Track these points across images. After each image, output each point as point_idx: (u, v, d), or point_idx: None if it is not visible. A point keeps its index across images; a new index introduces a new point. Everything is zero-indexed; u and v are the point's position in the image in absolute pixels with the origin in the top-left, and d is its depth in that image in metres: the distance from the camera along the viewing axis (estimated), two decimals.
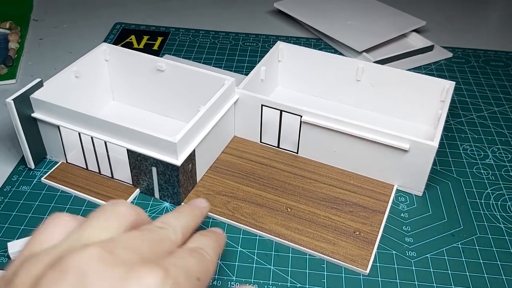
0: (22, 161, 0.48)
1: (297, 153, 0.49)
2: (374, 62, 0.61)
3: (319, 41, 0.70)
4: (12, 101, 0.42)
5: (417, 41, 0.68)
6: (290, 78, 0.57)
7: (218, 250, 0.33)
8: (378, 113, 0.54)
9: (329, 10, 0.73)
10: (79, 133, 0.43)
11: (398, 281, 0.38)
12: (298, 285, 0.37)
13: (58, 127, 0.44)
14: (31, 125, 0.45)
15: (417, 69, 0.64)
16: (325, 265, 0.39)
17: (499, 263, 0.40)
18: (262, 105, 0.47)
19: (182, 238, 0.32)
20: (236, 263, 0.39)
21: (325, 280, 0.38)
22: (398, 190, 0.46)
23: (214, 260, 0.31)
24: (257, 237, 0.41)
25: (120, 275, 0.25)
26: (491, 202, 0.45)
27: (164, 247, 0.29)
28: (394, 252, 0.40)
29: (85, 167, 0.46)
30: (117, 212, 0.29)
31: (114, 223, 0.29)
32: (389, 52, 0.65)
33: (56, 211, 0.42)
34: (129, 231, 0.29)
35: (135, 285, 0.25)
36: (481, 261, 0.40)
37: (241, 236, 0.41)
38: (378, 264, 0.39)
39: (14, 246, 0.39)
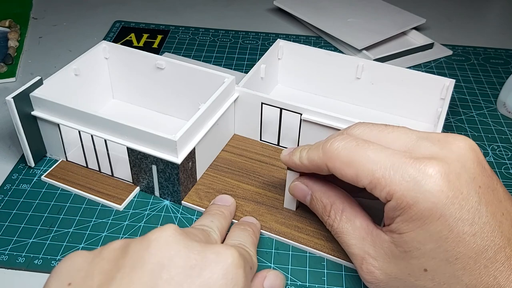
0: (22, 159, 0.48)
1: None
2: (374, 60, 0.61)
3: (319, 39, 0.70)
4: (12, 99, 0.42)
5: (417, 39, 0.68)
6: (290, 76, 0.57)
7: (256, 242, 0.37)
8: (378, 111, 0.54)
9: (329, 8, 0.73)
10: (79, 131, 0.43)
11: None
12: (298, 283, 0.37)
13: (58, 125, 0.44)
14: (31, 123, 0.45)
15: (417, 67, 0.64)
16: (325, 263, 0.39)
17: None
18: (262, 103, 0.47)
19: (220, 238, 0.35)
20: None
21: (325, 278, 0.38)
22: None
23: (255, 255, 0.34)
24: None
25: (198, 248, 0.28)
26: None
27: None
28: None
29: (85, 165, 0.46)
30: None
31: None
32: (389, 50, 0.65)
33: (56, 209, 0.43)
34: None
35: (214, 256, 0.27)
36: None
37: None
38: None
39: None
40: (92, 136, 0.43)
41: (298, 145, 0.48)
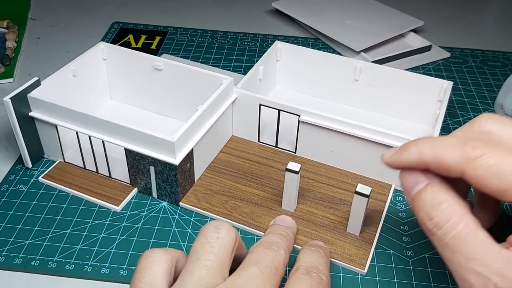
0: (20, 160, 0.47)
1: (295, 152, 0.49)
2: (372, 62, 0.61)
3: (317, 41, 0.70)
4: (10, 100, 0.42)
5: (415, 41, 0.68)
6: (288, 77, 0.57)
7: (329, 264, 0.35)
8: (376, 113, 0.54)
9: (327, 10, 0.73)
10: (76, 132, 0.43)
11: (396, 280, 0.38)
12: None
13: (56, 126, 0.44)
14: (29, 124, 0.44)
15: (415, 69, 0.64)
16: None
17: None
18: (260, 105, 0.47)
19: (287, 258, 0.32)
20: None
21: None
22: (396, 190, 0.46)
23: (328, 278, 0.32)
24: (255, 237, 0.41)
25: None
26: None
27: (278, 273, 0.30)
28: (391, 251, 0.40)
29: (83, 166, 0.46)
30: (220, 243, 0.30)
31: (221, 258, 0.29)
32: (387, 52, 0.65)
33: (53, 210, 0.42)
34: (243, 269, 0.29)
35: None
36: None
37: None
38: (376, 264, 0.39)
39: None
40: (89, 137, 0.43)
41: (296, 146, 0.48)
